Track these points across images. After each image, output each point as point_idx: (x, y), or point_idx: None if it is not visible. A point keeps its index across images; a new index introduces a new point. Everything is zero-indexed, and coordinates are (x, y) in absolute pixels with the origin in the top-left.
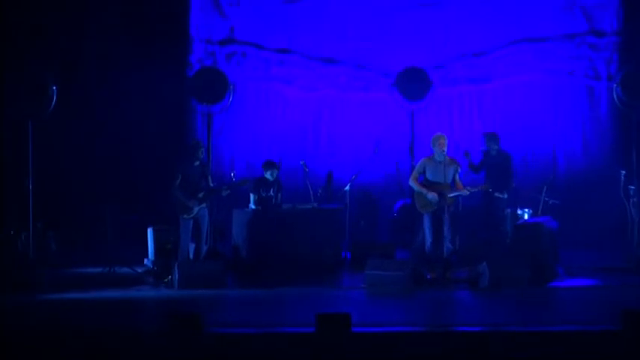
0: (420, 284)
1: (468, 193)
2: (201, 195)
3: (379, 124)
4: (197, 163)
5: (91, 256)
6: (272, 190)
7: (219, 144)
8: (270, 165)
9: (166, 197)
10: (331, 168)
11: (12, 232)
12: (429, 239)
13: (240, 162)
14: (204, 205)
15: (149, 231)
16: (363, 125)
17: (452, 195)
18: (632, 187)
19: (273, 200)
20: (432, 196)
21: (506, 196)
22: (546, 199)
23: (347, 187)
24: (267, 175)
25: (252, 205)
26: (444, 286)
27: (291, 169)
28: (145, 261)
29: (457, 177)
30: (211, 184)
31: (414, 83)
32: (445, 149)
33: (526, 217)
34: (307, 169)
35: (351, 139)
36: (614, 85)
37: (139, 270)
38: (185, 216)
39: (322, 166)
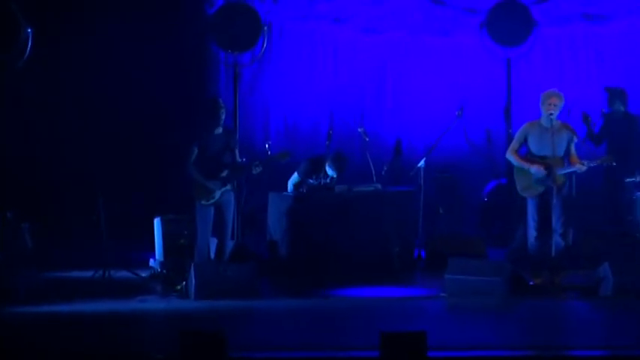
0: (520, 292)
1: (585, 168)
2: (224, 174)
3: (463, 77)
4: (219, 130)
5: (79, 256)
6: (327, 179)
7: (250, 105)
8: (339, 163)
9: (179, 177)
10: (400, 137)
11: None
12: (532, 232)
13: (277, 128)
14: (229, 187)
15: (156, 222)
16: (441, 79)
17: (563, 172)
18: None
19: (322, 184)
20: (535, 169)
21: (638, 178)
22: None
23: (421, 163)
24: (331, 172)
25: (290, 188)
26: (552, 294)
27: (345, 139)
28: (151, 262)
29: (572, 148)
30: (239, 159)
31: (510, 23)
32: (555, 112)
33: None
34: (367, 139)
35: (425, 98)
36: None
37: (143, 274)
38: (204, 202)
39: (387, 135)
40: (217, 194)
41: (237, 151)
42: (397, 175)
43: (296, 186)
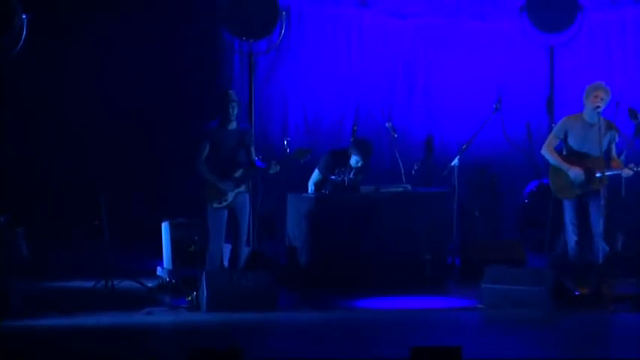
0: (565, 303)
1: (632, 173)
2: (239, 174)
3: (502, 66)
4: (232, 126)
5: (79, 264)
6: (351, 174)
7: (267, 97)
8: (363, 148)
9: (189, 178)
10: (431, 132)
11: None
12: (572, 237)
13: (296, 123)
14: (243, 188)
15: (164, 227)
16: (477, 69)
17: (606, 174)
18: None
19: (346, 182)
20: (574, 173)
21: None
22: None
23: (455, 162)
24: (355, 159)
25: (310, 188)
26: (599, 305)
27: (371, 135)
28: (159, 271)
29: (613, 148)
30: (254, 157)
31: (553, 7)
32: (602, 106)
33: None
34: (396, 135)
35: (459, 89)
36: None
37: (150, 284)
38: (216, 204)
39: (418, 131)
40: (231, 196)
41: (252, 149)
42: (429, 174)
43: (317, 185)
